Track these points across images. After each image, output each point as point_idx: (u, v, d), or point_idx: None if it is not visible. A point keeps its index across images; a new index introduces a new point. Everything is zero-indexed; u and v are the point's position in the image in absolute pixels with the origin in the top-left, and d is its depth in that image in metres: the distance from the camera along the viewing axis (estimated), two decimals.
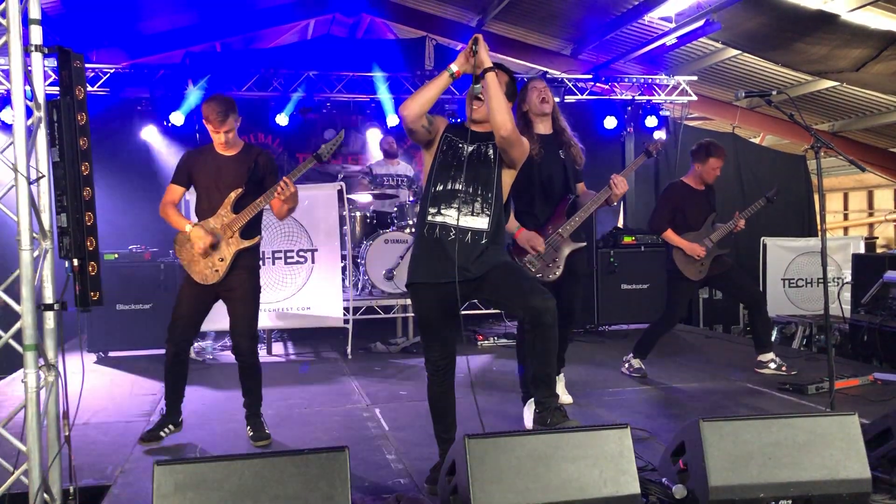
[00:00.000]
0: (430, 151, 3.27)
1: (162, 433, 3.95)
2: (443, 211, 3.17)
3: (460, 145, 3.23)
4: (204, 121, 3.94)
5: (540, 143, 4.12)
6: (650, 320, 5.95)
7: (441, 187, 3.19)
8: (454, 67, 3.04)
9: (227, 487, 2.35)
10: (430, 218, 3.18)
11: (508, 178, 3.28)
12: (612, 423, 2.82)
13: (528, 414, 4.42)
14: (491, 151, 3.24)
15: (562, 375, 4.53)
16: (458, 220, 3.16)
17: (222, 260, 3.92)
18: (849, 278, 7.09)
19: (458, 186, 3.18)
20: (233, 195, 3.93)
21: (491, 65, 3.05)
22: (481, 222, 3.18)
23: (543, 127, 4.25)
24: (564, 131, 4.27)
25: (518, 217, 4.20)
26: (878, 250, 11.28)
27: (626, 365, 5.53)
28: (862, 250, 8.41)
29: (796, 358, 6.09)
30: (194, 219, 4.01)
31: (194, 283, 3.96)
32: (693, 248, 5.34)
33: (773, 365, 5.45)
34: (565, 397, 4.51)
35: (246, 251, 3.97)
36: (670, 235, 5.40)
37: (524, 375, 4.35)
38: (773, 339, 7.51)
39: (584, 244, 4.29)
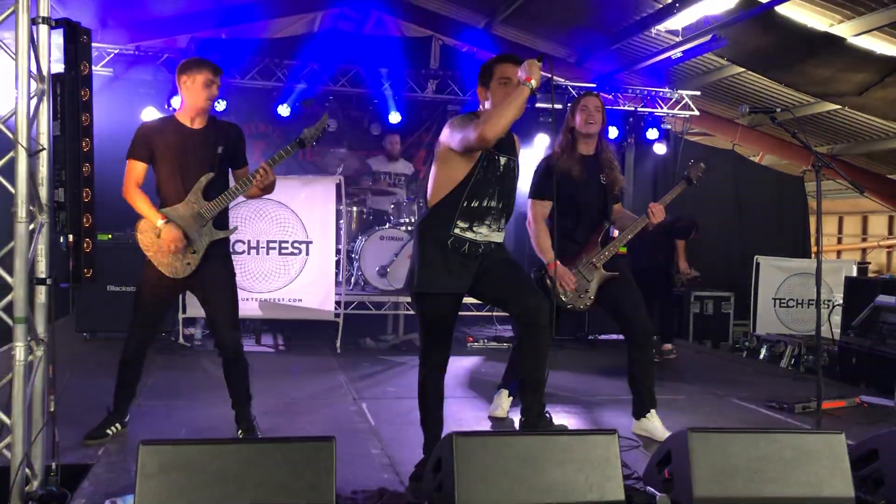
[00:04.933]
0: (464, 160, 3.17)
1: (109, 431, 3.70)
2: (475, 228, 3.22)
3: (496, 158, 3.23)
4: (185, 79, 3.59)
5: (581, 165, 4.04)
6: None
7: (476, 203, 3.20)
8: (534, 83, 2.96)
9: (212, 470, 2.33)
10: (457, 231, 3.20)
11: None
12: (600, 429, 2.82)
13: (497, 402, 4.41)
14: (516, 167, 3.35)
15: (654, 412, 4.02)
16: (488, 236, 3.26)
17: (195, 253, 3.66)
18: (840, 301, 7.11)
19: (492, 204, 3.24)
20: (203, 180, 3.64)
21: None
22: (502, 235, 3.33)
23: (586, 147, 4.15)
24: (606, 151, 4.17)
25: (559, 240, 4.03)
26: (870, 275, 11.32)
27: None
28: (854, 274, 8.43)
29: (784, 377, 6.09)
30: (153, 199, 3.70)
31: (161, 274, 3.67)
32: None
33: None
34: (662, 432, 3.87)
35: (218, 239, 3.75)
36: None
37: (512, 371, 4.34)
38: (762, 356, 7.53)
39: (617, 273, 4.09)
